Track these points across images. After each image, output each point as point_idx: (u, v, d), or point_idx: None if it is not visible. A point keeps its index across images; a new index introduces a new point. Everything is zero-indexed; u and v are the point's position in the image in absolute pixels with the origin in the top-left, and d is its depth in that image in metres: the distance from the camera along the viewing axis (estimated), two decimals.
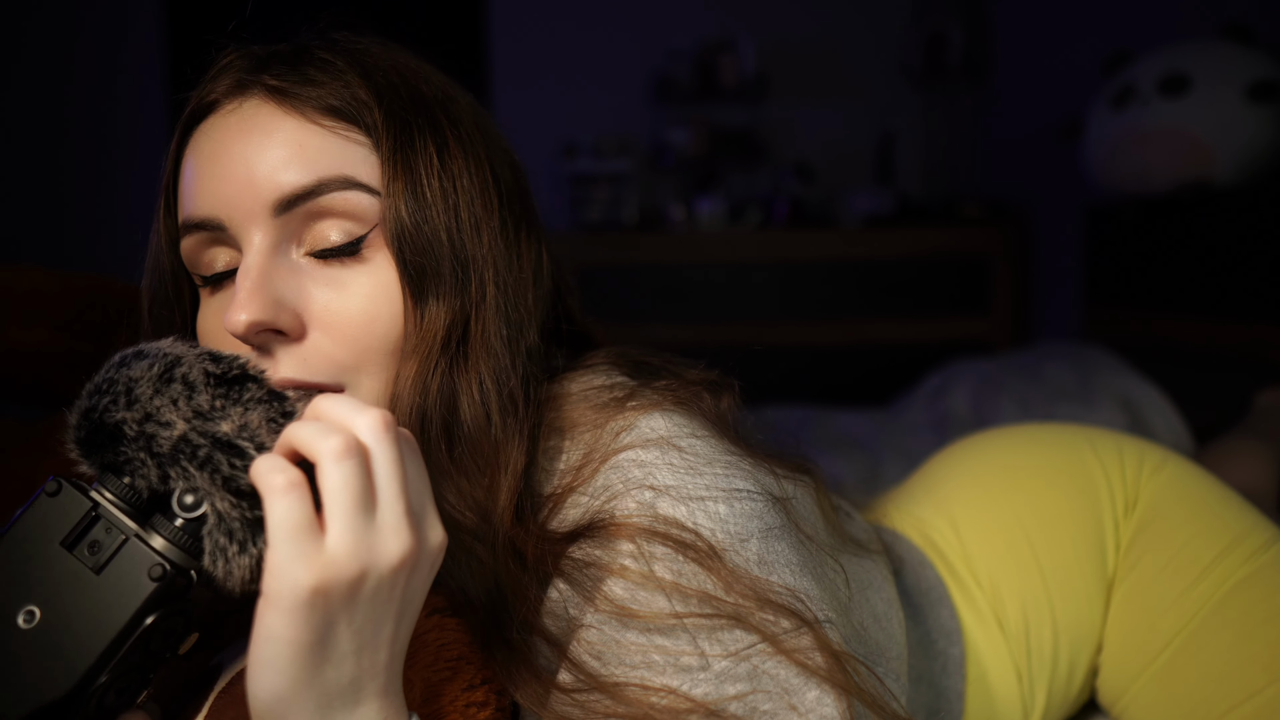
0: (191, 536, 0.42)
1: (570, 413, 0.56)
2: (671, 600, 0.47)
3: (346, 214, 0.52)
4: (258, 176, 0.51)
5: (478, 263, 0.54)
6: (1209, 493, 0.77)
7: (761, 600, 0.47)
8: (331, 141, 0.52)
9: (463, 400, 0.52)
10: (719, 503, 0.50)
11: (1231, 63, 1.84)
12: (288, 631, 0.38)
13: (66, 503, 0.42)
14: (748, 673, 0.46)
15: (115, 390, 0.43)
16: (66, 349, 0.82)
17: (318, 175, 0.51)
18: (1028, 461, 0.81)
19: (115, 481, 0.42)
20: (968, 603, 0.74)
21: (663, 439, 0.52)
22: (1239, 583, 0.69)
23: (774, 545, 0.50)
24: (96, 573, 0.41)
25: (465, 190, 0.55)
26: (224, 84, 0.55)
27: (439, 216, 0.53)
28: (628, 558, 0.48)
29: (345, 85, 0.54)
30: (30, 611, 0.41)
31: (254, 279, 0.50)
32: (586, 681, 0.47)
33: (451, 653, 0.51)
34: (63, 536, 0.41)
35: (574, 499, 0.52)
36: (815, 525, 0.58)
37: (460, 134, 0.56)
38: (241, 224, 0.52)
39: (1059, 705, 0.74)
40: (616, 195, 3.21)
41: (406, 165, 0.53)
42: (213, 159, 0.53)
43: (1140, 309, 2.06)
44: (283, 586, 0.38)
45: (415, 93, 0.56)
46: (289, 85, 0.53)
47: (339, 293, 0.52)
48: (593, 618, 0.48)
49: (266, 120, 0.52)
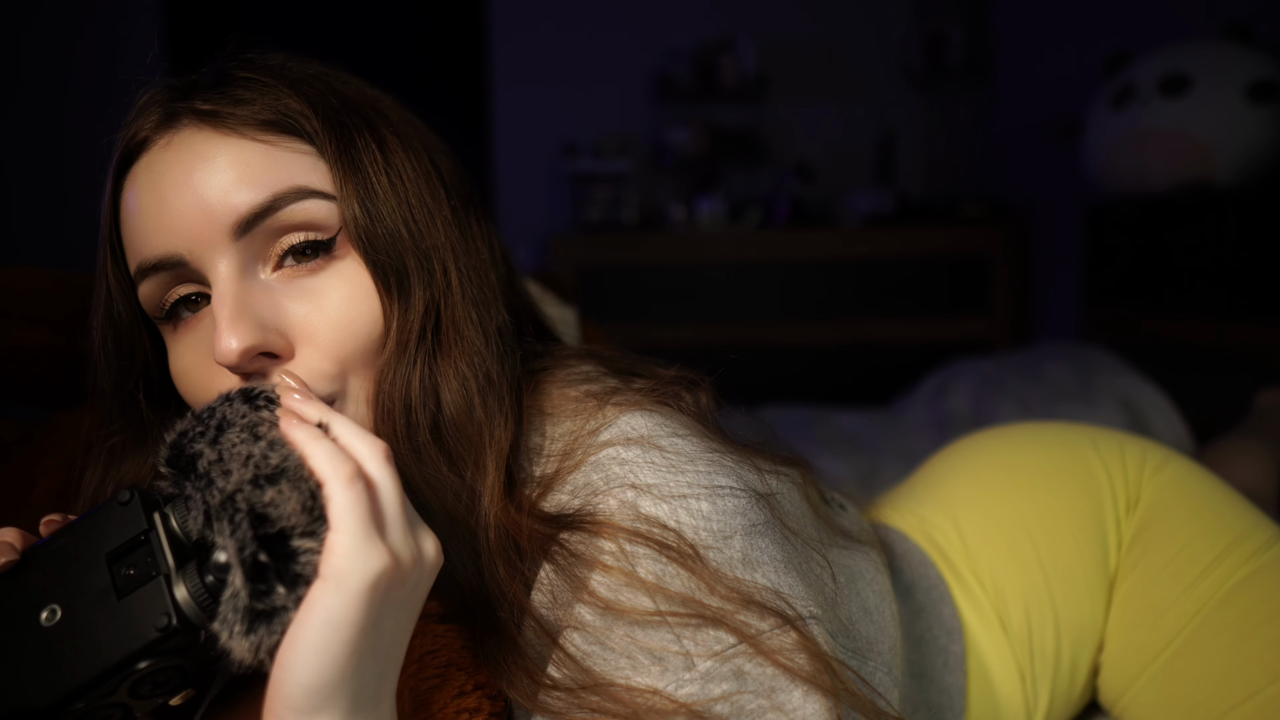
0: (212, 598, 0.41)
1: (554, 394, 0.57)
2: (655, 600, 0.47)
3: (307, 224, 0.52)
4: (210, 203, 0.50)
5: (438, 251, 0.55)
6: (1210, 492, 0.77)
7: (744, 600, 0.47)
8: (276, 155, 0.52)
9: (444, 388, 0.52)
10: (701, 500, 0.50)
11: (1231, 63, 1.84)
12: (349, 614, 0.39)
13: (129, 516, 0.42)
14: (732, 673, 0.46)
15: (210, 422, 0.43)
16: (68, 349, 0.82)
17: (271, 190, 0.51)
18: (1030, 460, 0.81)
19: (183, 511, 0.42)
20: (970, 602, 0.74)
21: (644, 438, 0.52)
22: (1240, 582, 0.69)
23: (758, 542, 0.50)
24: (119, 598, 0.41)
25: (412, 182, 0.55)
26: (150, 120, 0.54)
27: (395, 210, 0.53)
28: (608, 557, 0.48)
29: (275, 98, 0.53)
30: (54, 610, 0.41)
31: (231, 305, 0.49)
32: (576, 678, 0.47)
33: (440, 659, 0.51)
34: (112, 547, 0.41)
35: (552, 497, 0.52)
36: (802, 519, 0.58)
37: (394, 129, 0.57)
38: (203, 254, 0.51)
39: (1062, 705, 0.74)
40: (617, 195, 3.21)
41: (354, 165, 0.53)
42: (158, 195, 0.51)
43: (1140, 309, 2.06)
44: (352, 568, 0.39)
45: (341, 96, 0.56)
46: (220, 107, 0.52)
47: (315, 303, 0.51)
48: (580, 609, 0.48)
49: (204, 146, 0.52)
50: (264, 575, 0.40)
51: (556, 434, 0.55)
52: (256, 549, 0.40)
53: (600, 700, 0.46)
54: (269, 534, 0.40)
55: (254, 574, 0.40)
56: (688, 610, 0.46)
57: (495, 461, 0.52)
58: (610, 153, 3.26)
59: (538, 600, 0.51)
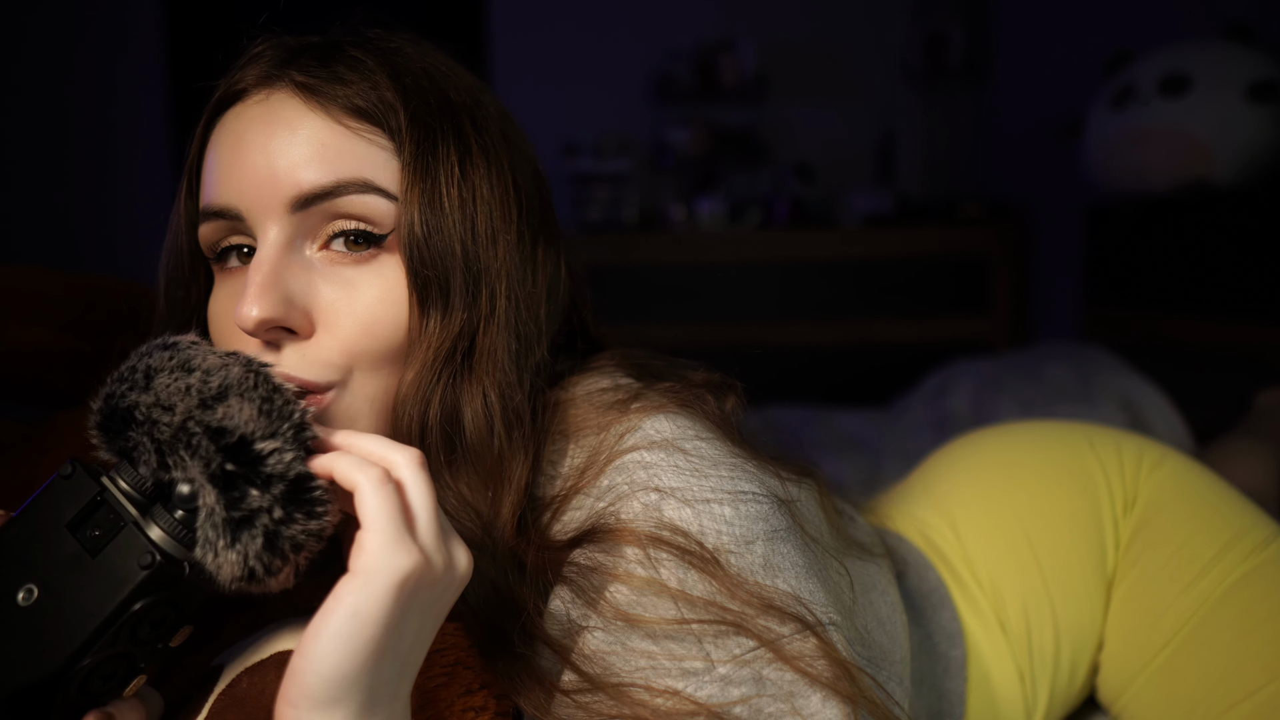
0: (187, 528, 0.42)
1: (574, 416, 0.56)
2: (677, 606, 0.47)
3: (362, 216, 0.52)
4: (278, 171, 0.51)
5: (490, 276, 0.54)
6: (1208, 489, 0.77)
7: (765, 605, 0.47)
8: (354, 143, 0.52)
9: (465, 412, 0.52)
10: (724, 505, 0.50)
11: (1232, 63, 1.84)
12: (375, 609, 0.39)
13: (77, 486, 0.42)
14: (752, 677, 0.46)
15: (134, 376, 0.44)
16: (68, 349, 0.83)
17: (337, 176, 0.51)
18: (1027, 460, 0.81)
19: (128, 469, 0.43)
20: (969, 604, 0.74)
21: (667, 441, 0.52)
22: (1238, 580, 0.69)
23: (779, 548, 0.50)
24: (93, 556, 0.41)
25: (484, 201, 0.54)
26: (253, 73, 0.55)
27: (454, 227, 0.53)
28: (633, 563, 0.48)
29: (373, 86, 0.53)
30: (29, 589, 0.41)
31: (265, 274, 0.50)
32: (590, 683, 0.47)
33: (448, 658, 0.51)
34: (69, 519, 0.42)
35: (577, 500, 0.52)
36: (819, 528, 0.58)
37: (485, 142, 0.56)
38: (258, 217, 0.52)
39: (1061, 703, 0.75)
40: (617, 195, 3.21)
41: (426, 173, 0.53)
42: (236, 149, 0.53)
43: (1140, 309, 2.06)
44: (383, 565, 0.40)
45: (443, 98, 0.56)
46: (317, 82, 0.53)
47: (347, 293, 0.52)
48: (596, 622, 0.48)
49: (292, 115, 0.52)
50: (234, 483, 0.41)
51: (576, 451, 0.55)
52: (221, 460, 0.41)
53: (616, 705, 0.46)
54: (230, 444, 0.41)
55: (225, 484, 0.41)
56: (709, 615, 0.46)
57: (512, 499, 0.52)
58: (610, 152, 3.26)
59: (552, 615, 0.51)
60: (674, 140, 3.31)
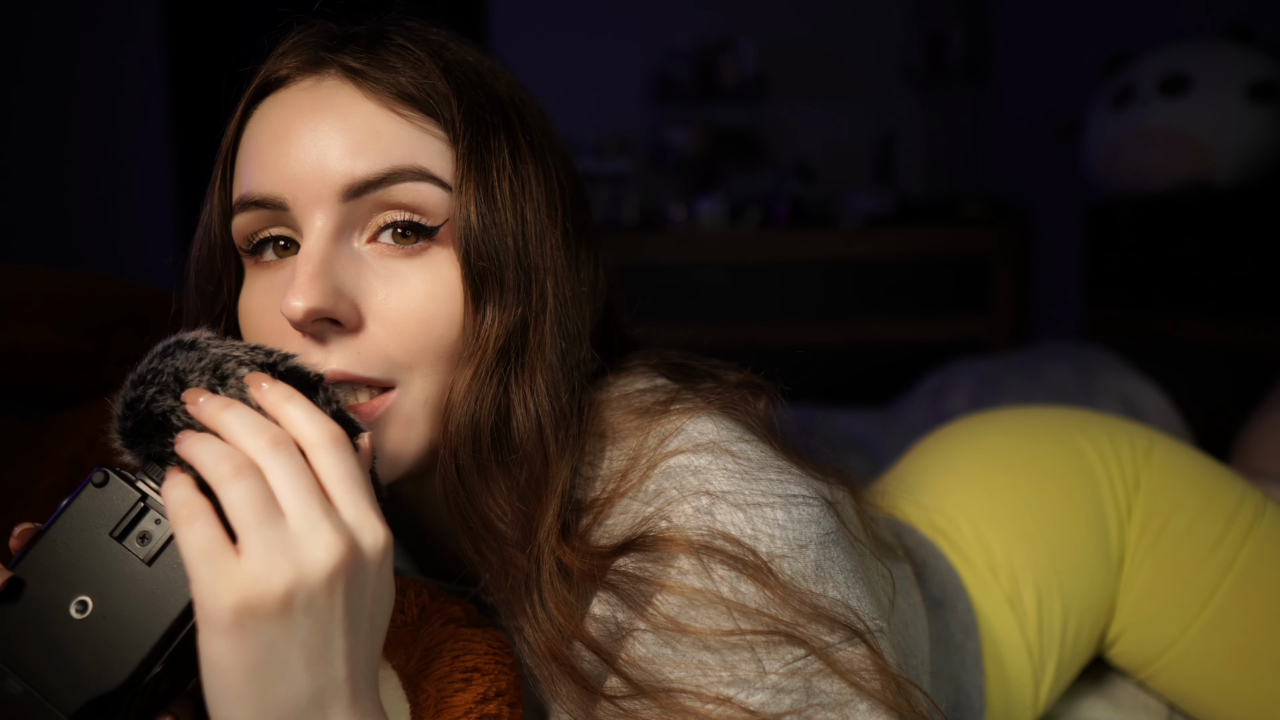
0: None
1: (611, 418, 0.55)
2: (730, 615, 0.46)
3: (415, 207, 0.51)
4: (330, 160, 0.50)
5: (540, 272, 0.52)
6: (1198, 464, 0.80)
7: (815, 612, 0.46)
8: (407, 130, 0.51)
9: (516, 411, 0.51)
10: (776, 509, 0.48)
11: (1232, 63, 1.84)
12: (227, 656, 0.37)
13: (114, 494, 0.42)
14: (803, 685, 0.45)
15: (162, 380, 0.43)
16: (68, 349, 0.83)
17: (391, 164, 0.50)
18: (1020, 440, 0.83)
19: (160, 472, 0.42)
20: (979, 584, 0.74)
21: (713, 444, 0.51)
22: (1252, 547, 0.73)
23: (830, 552, 0.49)
24: (148, 564, 0.41)
25: (533, 197, 0.53)
26: (296, 60, 0.53)
27: (508, 221, 0.51)
28: (687, 574, 0.47)
29: (425, 75, 0.52)
30: (83, 602, 0.41)
31: (315, 265, 0.49)
32: (636, 689, 0.46)
33: (467, 663, 0.51)
34: (111, 527, 0.41)
35: (623, 504, 0.51)
36: (858, 530, 0.57)
37: (532, 139, 0.55)
38: (306, 206, 0.50)
39: (1066, 670, 0.76)
40: (617, 195, 3.21)
41: (481, 165, 0.51)
42: (282, 137, 0.51)
43: (1140, 309, 2.06)
44: (210, 609, 0.37)
45: (491, 92, 0.55)
46: (369, 68, 0.51)
47: (399, 287, 0.50)
48: (644, 629, 0.47)
49: (344, 102, 0.51)
50: None
51: (615, 453, 0.54)
52: None
53: (663, 713, 0.45)
54: None
55: None
56: (762, 625, 0.46)
57: (555, 502, 0.51)
58: (610, 153, 3.26)
59: (598, 614, 0.49)
60: (674, 140, 3.32)
